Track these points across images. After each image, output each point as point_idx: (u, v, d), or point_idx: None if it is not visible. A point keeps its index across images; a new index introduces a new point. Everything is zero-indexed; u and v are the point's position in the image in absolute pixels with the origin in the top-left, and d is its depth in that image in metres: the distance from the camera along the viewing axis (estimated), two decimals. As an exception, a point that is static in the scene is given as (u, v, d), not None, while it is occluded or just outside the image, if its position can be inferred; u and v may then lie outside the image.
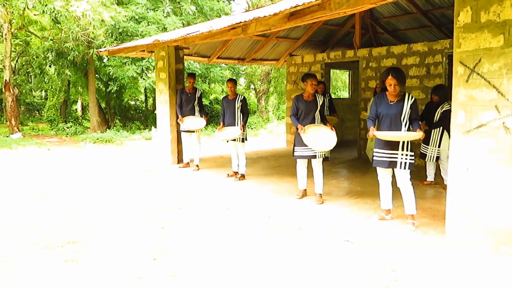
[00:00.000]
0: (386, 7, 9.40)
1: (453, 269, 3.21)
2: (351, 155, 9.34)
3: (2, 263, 3.32)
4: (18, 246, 3.68)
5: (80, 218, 4.58)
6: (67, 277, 3.08)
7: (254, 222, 4.44)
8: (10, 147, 11.28)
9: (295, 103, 5.28)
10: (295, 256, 3.48)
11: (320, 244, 3.75)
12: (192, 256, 3.48)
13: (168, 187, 6.25)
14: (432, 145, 5.81)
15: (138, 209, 4.96)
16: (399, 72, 4.10)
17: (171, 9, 15.68)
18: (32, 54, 17.77)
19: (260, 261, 3.37)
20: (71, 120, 19.51)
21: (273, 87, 23.35)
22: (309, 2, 3.95)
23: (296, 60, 10.61)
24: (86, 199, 5.48)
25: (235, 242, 3.82)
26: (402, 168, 4.14)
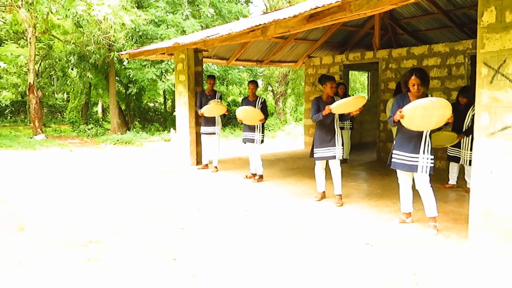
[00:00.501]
0: (406, 8, 9.29)
1: (476, 274, 3.14)
2: (370, 157, 9.24)
3: (29, 263, 3.40)
4: (43, 246, 3.77)
5: (102, 218, 4.66)
6: (90, 276, 3.14)
7: (272, 224, 4.44)
8: (34, 148, 11.57)
9: (316, 103, 5.23)
10: (315, 258, 3.46)
11: (340, 247, 3.72)
12: (212, 257, 3.50)
13: (187, 188, 6.30)
14: (464, 148, 5.61)
15: (158, 210, 5.02)
16: (423, 72, 4.03)
17: (190, 12, 15.85)
18: (55, 58, 18.19)
19: (279, 263, 3.37)
20: (92, 122, 19.88)
21: (290, 88, 23.30)
22: (329, 3, 3.94)
23: (314, 62, 10.58)
24: (107, 199, 5.58)
25: (254, 244, 3.82)
26: (423, 172, 4.06)
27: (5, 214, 4.77)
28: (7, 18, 15.07)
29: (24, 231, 4.17)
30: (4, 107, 21.91)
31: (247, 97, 6.72)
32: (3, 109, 21.86)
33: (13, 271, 3.21)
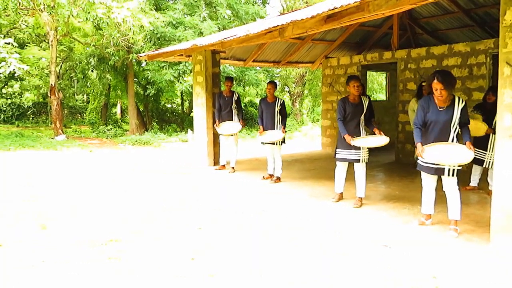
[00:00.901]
0: (425, 7, 9.16)
1: (498, 279, 3.08)
2: (389, 159, 9.14)
3: (52, 260, 3.48)
4: (65, 244, 3.85)
5: (122, 218, 4.73)
6: (111, 274, 3.19)
7: (290, 225, 4.44)
8: (55, 148, 11.83)
9: (342, 106, 5.08)
10: (333, 260, 3.45)
11: (358, 248, 3.70)
12: (229, 257, 3.52)
13: (204, 189, 6.35)
14: (490, 149, 5.47)
15: (176, 210, 5.07)
16: (446, 75, 3.85)
17: (207, 13, 15.97)
18: (75, 60, 18.55)
19: (295, 264, 3.37)
20: (111, 122, 20.20)
21: (307, 89, 23.23)
22: (347, 4, 3.93)
23: (331, 63, 10.52)
24: (126, 198, 5.66)
25: (271, 244, 3.83)
26: (449, 175, 3.97)
27: (28, 213, 4.89)
28: (29, 21, 15.43)
29: (47, 230, 4.27)
30: (27, 108, 22.42)
31: (266, 97, 6.70)
32: (25, 110, 22.37)
33: (36, 269, 3.29)
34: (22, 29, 16.44)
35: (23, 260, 3.45)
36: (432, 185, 4.26)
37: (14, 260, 3.44)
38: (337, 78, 10.35)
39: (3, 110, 21.60)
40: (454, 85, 3.90)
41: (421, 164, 4.16)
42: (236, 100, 7.55)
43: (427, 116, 4.00)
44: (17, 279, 3.11)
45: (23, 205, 5.26)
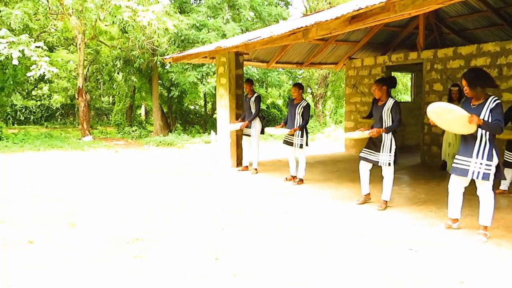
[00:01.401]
0: (453, 6, 8.97)
1: (531, 284, 2.99)
2: (414, 161, 8.98)
3: (79, 258, 3.58)
4: (93, 242, 3.95)
5: (146, 216, 4.82)
6: (137, 272, 3.26)
7: (312, 227, 4.42)
8: (82, 149, 12.14)
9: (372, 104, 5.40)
10: (357, 262, 3.41)
11: (382, 252, 3.65)
12: (252, 257, 3.54)
13: (228, 190, 6.39)
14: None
15: (200, 211, 5.12)
16: (471, 72, 3.81)
17: (230, 16, 16.07)
18: (102, 62, 19.00)
19: (319, 265, 3.35)
20: (136, 124, 20.58)
21: (330, 91, 23.06)
22: (372, 5, 3.89)
23: (355, 64, 10.42)
24: (152, 199, 5.76)
25: (293, 246, 3.82)
26: (475, 178, 3.84)
27: (59, 212, 5.04)
28: (58, 25, 15.91)
29: (75, 228, 4.39)
30: (55, 109, 23.10)
31: (294, 99, 6.69)
32: (54, 112, 23.05)
33: (64, 266, 3.38)
34: (51, 33, 16.97)
35: (53, 257, 3.56)
36: (459, 188, 4.15)
37: (44, 258, 3.56)
38: (361, 79, 10.24)
39: (33, 112, 22.31)
40: (479, 82, 3.78)
41: (453, 166, 4.06)
42: (254, 101, 7.57)
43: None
44: (47, 276, 3.21)
45: (53, 204, 5.42)
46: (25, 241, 3.94)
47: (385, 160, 5.03)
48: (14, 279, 3.13)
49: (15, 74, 14.17)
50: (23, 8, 12.39)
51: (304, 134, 6.51)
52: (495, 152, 3.81)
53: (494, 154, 3.79)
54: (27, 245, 3.81)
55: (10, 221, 4.64)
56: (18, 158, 10.12)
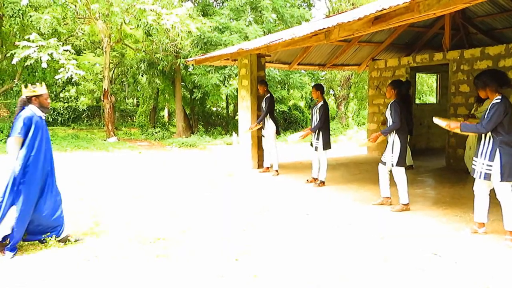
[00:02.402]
0: (480, 6, 8.73)
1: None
2: (439, 164, 8.78)
3: (104, 256, 3.66)
4: (116, 241, 4.04)
5: (169, 216, 4.89)
6: (159, 271, 3.31)
7: (333, 229, 4.39)
8: (107, 149, 12.41)
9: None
10: (377, 266, 3.37)
11: (405, 256, 3.59)
12: (272, 258, 3.54)
13: (249, 191, 6.41)
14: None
15: (221, 212, 5.16)
16: (479, 75, 3.94)
17: (253, 18, 16.13)
18: (126, 65, 19.38)
19: (339, 269, 3.32)
20: (159, 125, 20.88)
21: (353, 92, 22.82)
22: (396, 5, 3.84)
23: (378, 65, 10.29)
24: (174, 199, 5.84)
25: (313, 247, 3.80)
26: (479, 178, 3.90)
27: (84, 211, 5.16)
28: (85, 29, 16.32)
29: (99, 226, 4.49)
30: (81, 111, 23.66)
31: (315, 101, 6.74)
32: (80, 113, 23.62)
33: (89, 263, 3.47)
34: (79, 37, 17.42)
35: (78, 255, 3.65)
36: (483, 190, 4.05)
37: (70, 256, 3.65)
38: (384, 81, 10.09)
39: (61, 113, 22.91)
40: (486, 84, 3.88)
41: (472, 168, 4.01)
42: (264, 100, 7.61)
43: None
44: (71, 273, 3.30)
45: (78, 203, 5.56)
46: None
47: (388, 160, 5.09)
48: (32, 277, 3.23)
49: (44, 77, 14.62)
50: (52, 13, 12.77)
51: (320, 136, 6.45)
52: (500, 152, 3.76)
53: (497, 154, 3.76)
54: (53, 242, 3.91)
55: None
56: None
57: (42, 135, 3.71)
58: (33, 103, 3.74)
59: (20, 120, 3.59)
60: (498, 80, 3.85)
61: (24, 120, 3.59)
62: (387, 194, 5.36)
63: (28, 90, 3.74)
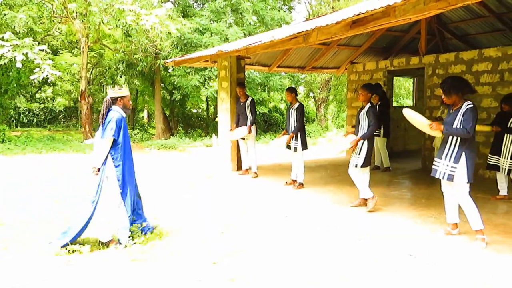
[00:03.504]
0: (455, 12, 8.96)
1: (530, 291, 2.97)
2: (415, 166, 8.95)
3: (76, 261, 3.58)
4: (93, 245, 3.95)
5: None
6: (135, 276, 3.26)
7: (311, 231, 4.41)
8: (84, 151, 12.17)
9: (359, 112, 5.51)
10: (356, 267, 3.40)
11: (381, 257, 3.64)
12: (251, 262, 3.53)
13: (228, 193, 6.39)
14: (504, 156, 5.42)
15: (200, 214, 5.12)
16: (445, 82, 4.03)
17: (233, 20, 16.11)
18: (105, 66, 19.08)
19: (318, 271, 3.34)
20: (138, 127, 20.63)
21: (332, 95, 23.06)
22: (373, 9, 3.90)
23: (357, 68, 10.43)
24: (152, 202, 5.75)
25: (291, 250, 3.81)
26: (442, 178, 4.00)
27: (57, 214, 5.04)
28: (62, 29, 16.00)
29: (75, 230, 4.39)
30: (58, 112, 23.19)
31: (290, 103, 6.75)
32: (57, 115, 23.16)
33: (62, 269, 3.39)
34: (56, 36, 17.06)
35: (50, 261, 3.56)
36: (449, 192, 4.18)
37: (42, 262, 3.56)
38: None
39: (36, 114, 22.41)
40: (454, 90, 3.94)
41: None
42: (249, 104, 7.56)
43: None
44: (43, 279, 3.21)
45: (54, 206, 5.42)
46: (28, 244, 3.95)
47: (353, 161, 5.29)
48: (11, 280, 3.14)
49: (18, 77, 14.25)
50: (27, 12, 12.47)
51: (299, 137, 6.50)
52: (466, 156, 3.87)
53: (463, 157, 3.87)
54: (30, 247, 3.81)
55: (10, 224, 4.65)
56: (19, 161, 10.15)
57: (126, 134, 3.89)
58: (117, 104, 3.88)
59: (113, 122, 3.73)
60: (465, 86, 3.97)
61: (117, 122, 3.74)
62: None
63: (114, 91, 3.88)
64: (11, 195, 6.11)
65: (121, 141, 3.79)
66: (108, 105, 3.84)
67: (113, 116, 3.76)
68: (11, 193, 6.25)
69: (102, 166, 3.78)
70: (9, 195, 6.11)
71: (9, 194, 6.14)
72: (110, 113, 3.79)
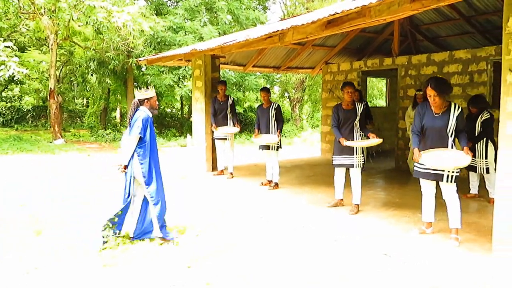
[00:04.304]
0: (426, 14, 9.15)
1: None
2: (389, 165, 9.08)
3: (45, 268, 3.41)
4: (59, 251, 3.78)
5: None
6: (106, 282, 3.12)
7: (287, 232, 4.37)
8: (53, 152, 11.76)
9: (335, 112, 5.24)
10: (330, 268, 3.38)
11: (357, 257, 3.63)
12: (226, 265, 3.45)
13: (202, 194, 6.28)
14: (479, 157, 5.53)
15: (174, 216, 4.98)
16: (439, 82, 3.86)
17: (208, 18, 15.98)
18: (75, 64, 18.55)
19: (293, 272, 3.30)
20: (110, 127, 20.15)
21: (307, 95, 23.22)
22: (348, 9, 3.89)
23: (332, 68, 10.50)
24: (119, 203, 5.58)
25: (267, 253, 3.76)
26: (448, 182, 3.91)
27: (24, 218, 4.82)
28: (30, 25, 15.44)
29: (41, 235, 4.20)
30: (26, 111, 22.39)
31: (262, 104, 6.70)
32: (25, 114, 22.34)
33: (28, 276, 3.22)
34: (23, 33, 16.45)
35: (17, 266, 3.38)
36: (431, 192, 4.20)
37: (8, 267, 3.37)
38: (337, 84, 10.31)
39: (2, 114, 21.57)
40: (448, 92, 3.89)
41: (418, 170, 4.11)
42: (231, 105, 7.48)
43: (423, 122, 4.02)
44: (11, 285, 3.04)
45: (19, 210, 5.19)
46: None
47: (359, 162, 5.13)
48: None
49: (-18, 74, 13.64)
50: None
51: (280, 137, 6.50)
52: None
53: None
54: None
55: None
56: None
57: (152, 133, 4.04)
58: (144, 105, 4.04)
59: (140, 121, 3.88)
60: (449, 88, 3.94)
61: (143, 121, 3.89)
62: (342, 196, 5.44)
63: (141, 93, 4.04)
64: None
65: (147, 139, 3.95)
66: (136, 106, 4.02)
67: (139, 115, 3.92)
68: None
69: (129, 164, 3.94)
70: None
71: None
72: (137, 113, 3.96)
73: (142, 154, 3.93)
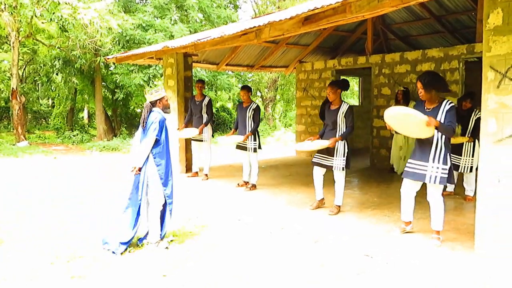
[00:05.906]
0: (398, 13, 9.23)
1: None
2: (364, 164, 9.09)
3: (7, 279, 3.12)
4: (24, 260, 3.48)
5: (87, 230, 4.38)
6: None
7: (266, 234, 4.22)
8: (16, 155, 11.16)
9: (322, 107, 5.47)
10: (311, 270, 3.25)
11: (338, 259, 3.53)
12: (202, 271, 3.27)
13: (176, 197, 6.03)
14: (465, 155, 5.52)
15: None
16: (427, 75, 3.83)
17: (178, 16, 15.63)
18: (39, 62, 17.76)
19: (273, 276, 3.15)
20: (78, 128, 19.43)
21: (280, 94, 23.21)
22: (328, 5, 3.77)
23: (306, 67, 10.44)
24: (92, 208, 5.29)
25: (246, 256, 3.60)
26: (432, 182, 3.82)
27: (-18, 227, 4.46)
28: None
29: (4, 244, 3.88)
30: (-14, 113, 21.33)
31: (242, 102, 6.54)
32: (-15, 115, 21.28)
33: None
34: (-19, 30, 15.57)
35: None
36: (411, 192, 4.13)
37: None
38: (311, 83, 10.27)
39: (-40, 115, 20.43)
40: (437, 87, 3.78)
41: (406, 170, 4.03)
42: (207, 105, 7.27)
43: None
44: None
45: (-23, 219, 4.80)
46: None
47: (339, 164, 4.97)
48: None
49: None
50: None
51: (257, 137, 6.35)
52: (449, 157, 3.81)
53: (448, 159, 3.80)
54: None
55: None
56: None
57: (167, 134, 4.02)
58: (157, 106, 3.98)
59: (156, 122, 3.84)
60: (442, 83, 3.86)
61: (159, 122, 3.86)
62: (322, 196, 5.33)
63: (152, 95, 3.95)
64: None
65: (163, 141, 3.93)
66: (149, 109, 3.95)
67: (155, 117, 3.87)
68: None
69: (144, 166, 3.90)
70: None
71: None
72: (152, 115, 3.89)
73: (159, 155, 3.92)
